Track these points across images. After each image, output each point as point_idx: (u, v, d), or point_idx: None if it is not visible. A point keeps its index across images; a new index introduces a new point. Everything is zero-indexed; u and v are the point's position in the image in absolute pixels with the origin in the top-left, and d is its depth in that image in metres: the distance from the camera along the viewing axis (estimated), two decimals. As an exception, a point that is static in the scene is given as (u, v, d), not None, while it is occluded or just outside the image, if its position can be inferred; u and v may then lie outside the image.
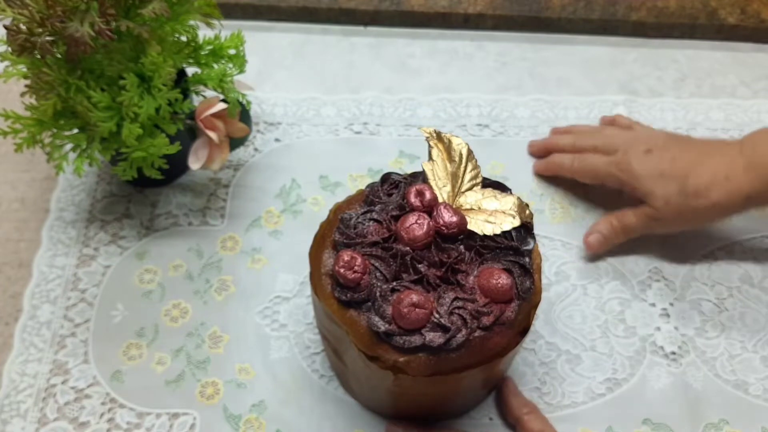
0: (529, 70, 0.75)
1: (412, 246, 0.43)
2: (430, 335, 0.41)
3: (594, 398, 0.55)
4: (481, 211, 0.46)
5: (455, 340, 0.41)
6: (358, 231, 0.45)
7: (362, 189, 0.49)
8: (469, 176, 0.47)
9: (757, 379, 0.56)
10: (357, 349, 0.43)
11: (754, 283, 0.61)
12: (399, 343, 0.42)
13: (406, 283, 0.43)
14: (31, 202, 0.65)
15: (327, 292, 0.44)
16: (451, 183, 0.47)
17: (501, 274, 0.43)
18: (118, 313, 0.58)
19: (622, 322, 0.58)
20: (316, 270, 0.46)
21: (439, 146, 0.47)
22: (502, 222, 0.45)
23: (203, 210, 0.64)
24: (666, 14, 0.77)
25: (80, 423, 0.53)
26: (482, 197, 0.46)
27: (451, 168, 0.47)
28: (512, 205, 0.46)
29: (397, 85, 0.73)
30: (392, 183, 0.47)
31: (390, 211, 0.45)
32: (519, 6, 0.77)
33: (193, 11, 0.56)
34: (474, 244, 0.44)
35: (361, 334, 0.43)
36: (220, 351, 0.57)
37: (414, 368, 0.42)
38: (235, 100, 0.57)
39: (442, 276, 0.43)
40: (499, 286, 0.42)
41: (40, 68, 0.51)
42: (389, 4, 0.77)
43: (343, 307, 0.43)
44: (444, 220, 0.44)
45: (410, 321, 0.41)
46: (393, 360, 0.42)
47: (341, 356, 0.49)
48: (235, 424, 0.53)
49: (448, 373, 0.43)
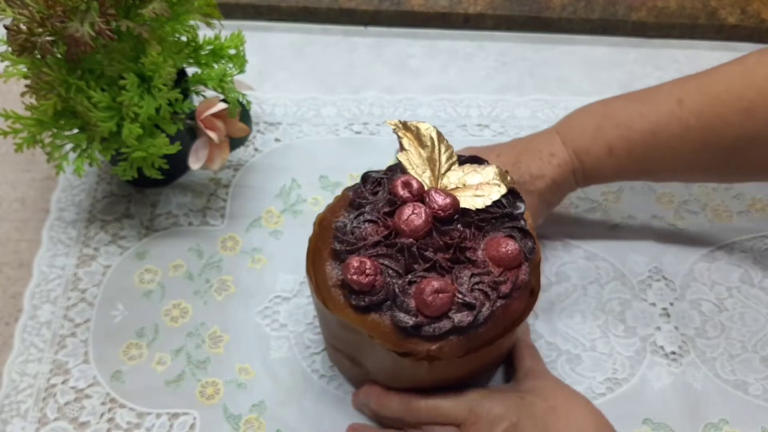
0: (529, 70, 0.75)
1: (414, 236, 0.44)
2: (458, 316, 0.42)
3: (594, 398, 0.55)
4: (467, 188, 0.47)
5: (481, 314, 0.42)
6: (357, 235, 0.44)
7: (339, 196, 0.49)
8: (444, 157, 0.48)
9: (757, 379, 0.56)
10: (386, 350, 0.43)
11: (754, 283, 0.61)
12: (429, 332, 0.42)
13: (421, 273, 0.43)
14: (32, 202, 0.65)
15: (340, 303, 0.44)
16: (430, 168, 0.47)
17: (507, 241, 0.44)
18: (118, 313, 0.58)
19: (622, 322, 0.58)
20: (322, 285, 0.45)
21: (408, 135, 0.48)
22: (489, 193, 0.46)
23: (203, 210, 0.64)
24: (666, 14, 0.77)
25: (80, 423, 0.53)
26: (464, 174, 0.47)
27: (425, 153, 0.47)
28: (494, 175, 0.47)
29: (397, 85, 0.73)
30: (374, 181, 0.47)
31: (381, 208, 0.45)
32: (519, 6, 0.77)
33: (193, 11, 0.56)
34: (471, 220, 0.45)
35: (387, 334, 0.43)
36: (220, 351, 0.57)
37: (447, 352, 0.43)
38: (235, 100, 0.57)
39: (451, 258, 0.44)
40: (509, 252, 0.43)
41: (40, 68, 0.51)
42: (389, 4, 0.77)
43: (363, 313, 0.43)
44: (438, 204, 0.44)
45: (436, 307, 0.42)
46: (426, 350, 0.43)
47: (360, 362, 0.49)
48: (235, 424, 0.53)
49: (479, 349, 0.44)
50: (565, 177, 0.54)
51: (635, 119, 0.52)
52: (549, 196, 0.55)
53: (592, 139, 0.53)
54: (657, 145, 0.52)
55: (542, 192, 0.54)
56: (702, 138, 0.51)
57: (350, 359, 0.50)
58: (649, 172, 0.56)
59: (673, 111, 0.51)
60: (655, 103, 0.52)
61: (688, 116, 0.51)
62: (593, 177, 0.55)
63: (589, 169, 0.54)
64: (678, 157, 0.53)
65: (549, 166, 0.54)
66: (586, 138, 0.53)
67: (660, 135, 0.52)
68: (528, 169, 0.54)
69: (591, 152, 0.53)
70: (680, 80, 0.54)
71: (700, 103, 0.51)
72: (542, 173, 0.54)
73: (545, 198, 0.55)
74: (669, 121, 0.51)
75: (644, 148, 0.52)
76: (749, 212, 0.65)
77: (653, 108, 0.52)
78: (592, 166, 0.54)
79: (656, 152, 0.53)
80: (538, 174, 0.54)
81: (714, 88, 0.51)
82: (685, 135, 0.51)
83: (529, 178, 0.54)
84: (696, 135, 0.51)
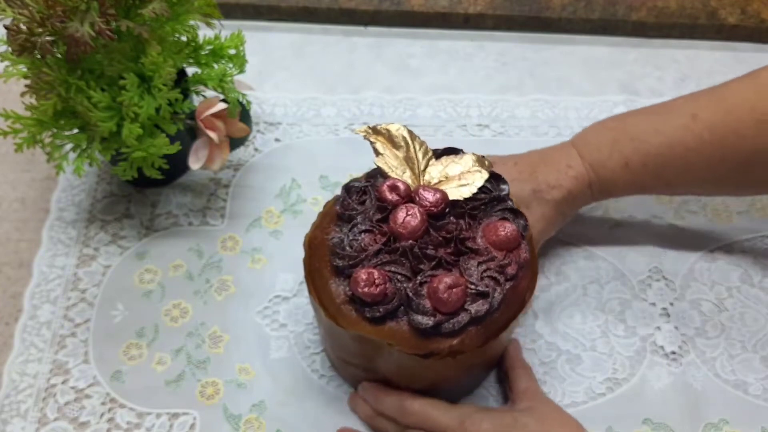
0: (529, 70, 0.75)
1: (413, 237, 0.44)
2: (474, 306, 0.42)
3: (594, 398, 0.55)
4: (450, 179, 0.47)
5: (495, 299, 0.43)
6: (356, 248, 0.44)
7: (322, 212, 0.49)
8: (421, 154, 0.48)
9: (757, 379, 0.56)
10: (407, 355, 0.43)
11: (754, 283, 0.61)
12: (449, 328, 0.42)
13: (429, 272, 0.43)
14: (32, 202, 0.65)
15: (353, 318, 0.44)
16: (409, 167, 0.47)
17: (504, 224, 0.45)
18: (118, 313, 0.58)
19: (622, 322, 0.58)
20: (329, 304, 0.45)
21: (380, 139, 0.48)
22: (473, 180, 0.47)
23: (203, 210, 0.64)
24: (666, 14, 0.77)
25: (80, 423, 0.53)
26: (443, 167, 0.48)
27: (401, 154, 0.48)
28: (473, 162, 0.47)
29: (397, 85, 0.73)
30: (359, 191, 0.47)
31: (372, 216, 0.45)
32: (519, 6, 0.77)
33: (193, 11, 0.56)
34: (462, 210, 0.46)
35: (407, 339, 0.43)
36: (220, 351, 0.57)
37: (468, 344, 0.43)
38: (235, 100, 0.57)
39: (454, 251, 0.44)
40: (508, 234, 0.44)
41: (40, 68, 0.51)
42: (389, 4, 0.77)
43: (379, 324, 0.43)
44: (429, 201, 0.45)
45: (453, 302, 0.42)
46: (447, 347, 0.43)
47: (376, 371, 0.49)
48: (235, 424, 0.53)
49: (498, 334, 0.44)
50: (582, 189, 0.55)
51: (650, 134, 0.53)
52: (564, 208, 0.55)
53: (608, 153, 0.54)
54: (672, 159, 0.53)
55: (558, 202, 0.54)
56: (716, 152, 0.52)
57: (365, 370, 0.50)
58: (664, 186, 0.56)
59: (687, 125, 0.52)
60: (670, 117, 0.53)
61: (702, 130, 0.51)
62: (609, 190, 0.55)
63: (605, 182, 0.54)
64: (693, 171, 0.53)
65: (566, 177, 0.54)
66: (603, 152, 0.54)
67: (675, 149, 0.52)
68: (545, 179, 0.54)
69: (607, 166, 0.54)
70: (694, 94, 0.54)
71: (714, 118, 0.51)
72: (559, 183, 0.54)
73: (561, 209, 0.55)
74: (683, 136, 0.52)
75: (659, 162, 0.53)
76: (749, 212, 0.65)
77: (668, 122, 0.53)
78: (608, 180, 0.54)
79: (671, 166, 0.53)
80: (555, 184, 0.54)
81: (727, 103, 0.51)
82: (699, 149, 0.52)
83: (546, 187, 0.54)
84: (710, 149, 0.52)
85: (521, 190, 0.54)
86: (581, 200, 0.56)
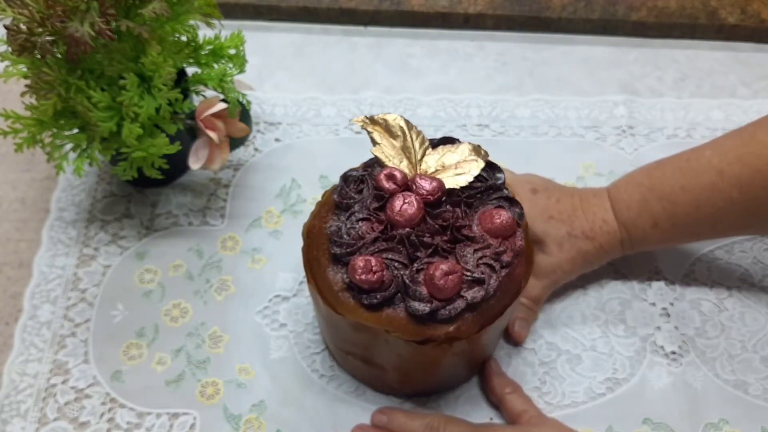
0: (529, 70, 0.75)
1: (410, 225, 0.44)
2: (470, 293, 0.43)
3: (594, 398, 0.55)
4: (447, 168, 0.47)
5: (491, 286, 0.43)
6: (353, 236, 0.45)
7: (320, 202, 0.49)
8: (418, 143, 0.48)
9: (757, 379, 0.56)
10: (404, 341, 0.44)
11: (754, 283, 0.61)
12: (445, 315, 0.43)
13: (426, 259, 0.43)
14: (31, 202, 0.65)
15: (351, 305, 0.44)
16: (406, 156, 0.48)
17: (499, 212, 0.45)
18: (118, 313, 0.58)
19: (622, 322, 0.58)
20: (327, 292, 0.45)
21: (378, 129, 0.48)
22: (469, 169, 0.47)
23: (203, 210, 0.64)
24: (666, 14, 0.77)
25: (80, 423, 0.53)
26: (440, 156, 0.48)
27: (397, 144, 0.48)
28: (469, 151, 0.48)
29: (398, 85, 0.73)
30: (356, 180, 0.48)
31: (369, 205, 0.46)
32: (519, 6, 0.77)
33: (193, 11, 0.56)
34: (458, 198, 0.46)
35: (404, 326, 0.43)
36: (220, 351, 0.57)
37: (465, 330, 0.44)
38: (235, 100, 0.57)
39: (450, 239, 0.44)
40: (504, 222, 0.45)
41: (40, 68, 0.51)
42: (389, 4, 0.77)
43: (376, 311, 0.44)
44: (426, 189, 0.45)
45: (449, 289, 0.42)
46: (444, 333, 0.43)
47: (375, 361, 0.49)
48: (235, 424, 0.53)
49: (493, 321, 0.45)
50: (613, 245, 0.55)
51: (677, 193, 0.53)
52: (593, 259, 0.56)
53: (637, 212, 0.54)
54: (700, 217, 0.53)
55: (590, 253, 0.55)
56: (746, 209, 0.52)
57: (364, 360, 0.50)
58: (695, 239, 0.58)
59: (714, 183, 0.51)
60: (696, 174, 0.52)
61: (731, 189, 0.51)
62: (640, 245, 0.55)
63: (636, 239, 0.55)
64: (722, 227, 0.54)
65: (600, 232, 0.55)
66: (633, 211, 0.54)
67: (703, 208, 0.52)
68: (581, 226, 0.55)
69: (637, 225, 0.54)
70: (719, 145, 0.53)
71: (741, 175, 0.51)
72: (593, 236, 0.54)
73: (590, 259, 0.56)
74: (711, 195, 0.52)
75: (688, 221, 0.53)
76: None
77: (694, 180, 0.52)
78: (639, 238, 0.55)
79: (700, 224, 0.53)
80: (590, 235, 0.55)
81: (756, 161, 0.50)
82: (729, 207, 0.52)
83: (581, 235, 0.55)
84: (739, 207, 0.51)
85: (557, 229, 0.54)
86: (612, 254, 0.56)
